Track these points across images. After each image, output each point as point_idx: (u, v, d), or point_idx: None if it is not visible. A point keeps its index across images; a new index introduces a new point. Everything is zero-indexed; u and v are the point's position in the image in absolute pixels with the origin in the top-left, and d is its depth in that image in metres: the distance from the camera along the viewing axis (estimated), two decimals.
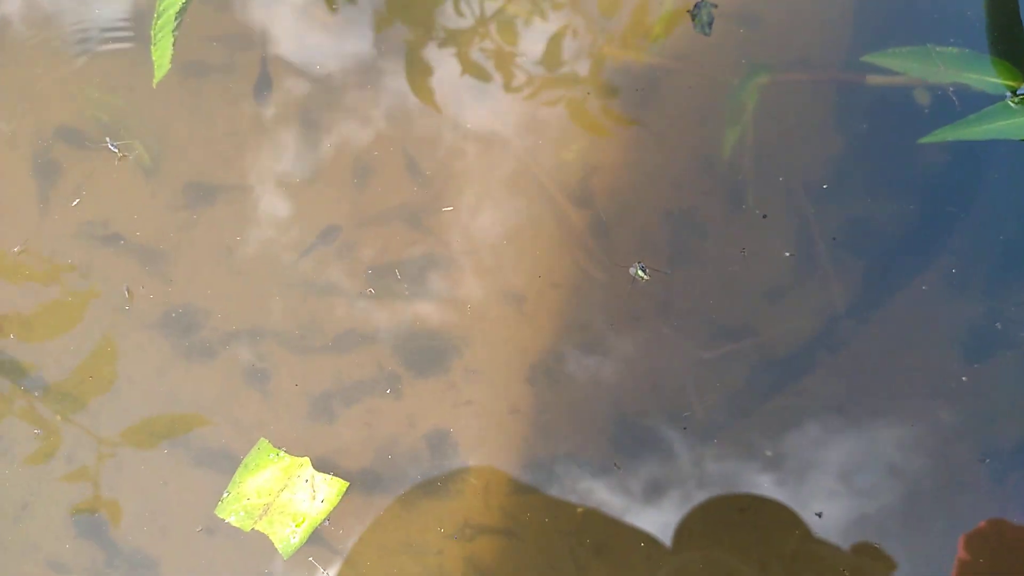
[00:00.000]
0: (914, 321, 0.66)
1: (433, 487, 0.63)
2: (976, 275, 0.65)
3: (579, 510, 0.63)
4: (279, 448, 0.60)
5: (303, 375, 0.64)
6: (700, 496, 0.63)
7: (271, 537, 0.57)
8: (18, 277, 0.66)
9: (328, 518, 0.59)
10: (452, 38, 0.71)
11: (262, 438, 0.61)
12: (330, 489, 0.58)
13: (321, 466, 0.61)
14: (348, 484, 0.60)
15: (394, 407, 0.64)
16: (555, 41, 0.70)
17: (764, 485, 0.64)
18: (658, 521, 0.62)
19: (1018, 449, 0.62)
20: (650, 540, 0.62)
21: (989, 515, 0.62)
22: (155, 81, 0.65)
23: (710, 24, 0.68)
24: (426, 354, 0.65)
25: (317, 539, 0.60)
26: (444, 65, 0.71)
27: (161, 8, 0.62)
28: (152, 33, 0.63)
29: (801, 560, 0.61)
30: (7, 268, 0.66)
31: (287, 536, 0.58)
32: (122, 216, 0.67)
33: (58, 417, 0.63)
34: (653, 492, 0.63)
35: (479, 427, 0.64)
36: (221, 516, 0.58)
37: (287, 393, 0.64)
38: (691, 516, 0.63)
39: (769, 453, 0.64)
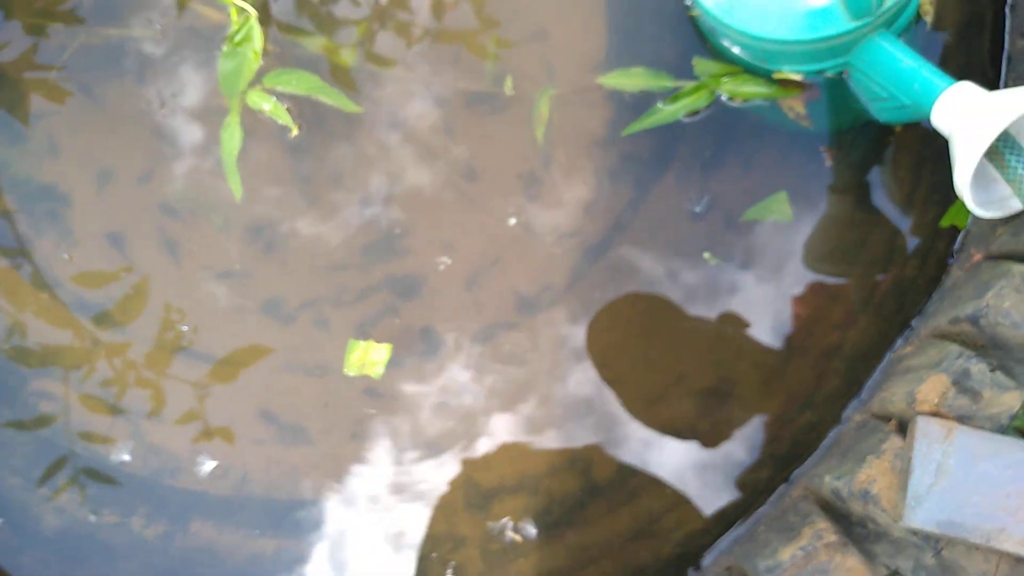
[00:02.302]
0: (662, 205, 1.22)
1: None
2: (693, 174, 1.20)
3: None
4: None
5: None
6: None
7: (371, 374, 1.18)
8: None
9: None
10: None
11: (351, 338, 1.25)
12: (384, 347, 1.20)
13: None
14: (391, 345, 1.23)
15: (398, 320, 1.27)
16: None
17: None
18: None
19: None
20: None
21: None
22: (238, 198, 1.24)
23: None
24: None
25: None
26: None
27: (225, 153, 1.20)
28: (225, 171, 1.21)
29: None
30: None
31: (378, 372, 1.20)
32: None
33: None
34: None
35: None
36: (349, 373, 1.21)
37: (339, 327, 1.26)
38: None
39: (597, 294, 1.24)
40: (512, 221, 1.22)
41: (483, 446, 1.21)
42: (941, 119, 0.97)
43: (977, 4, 1.19)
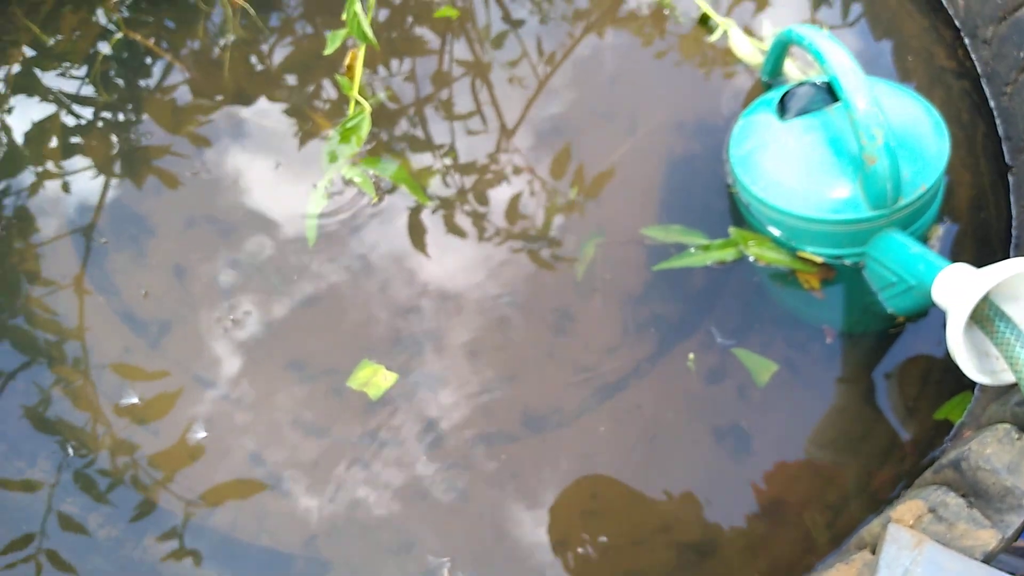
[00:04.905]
0: (678, 363, 1.29)
1: None
2: (712, 340, 1.28)
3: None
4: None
5: None
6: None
7: (369, 392, 1.23)
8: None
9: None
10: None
11: (364, 359, 1.29)
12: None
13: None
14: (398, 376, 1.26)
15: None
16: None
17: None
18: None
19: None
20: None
21: None
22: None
23: None
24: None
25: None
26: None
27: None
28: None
29: None
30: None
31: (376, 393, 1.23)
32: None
33: None
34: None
35: None
36: (351, 385, 1.25)
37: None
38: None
39: (602, 429, 1.28)
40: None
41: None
42: (939, 293, 1.06)
43: (989, 244, 1.32)
